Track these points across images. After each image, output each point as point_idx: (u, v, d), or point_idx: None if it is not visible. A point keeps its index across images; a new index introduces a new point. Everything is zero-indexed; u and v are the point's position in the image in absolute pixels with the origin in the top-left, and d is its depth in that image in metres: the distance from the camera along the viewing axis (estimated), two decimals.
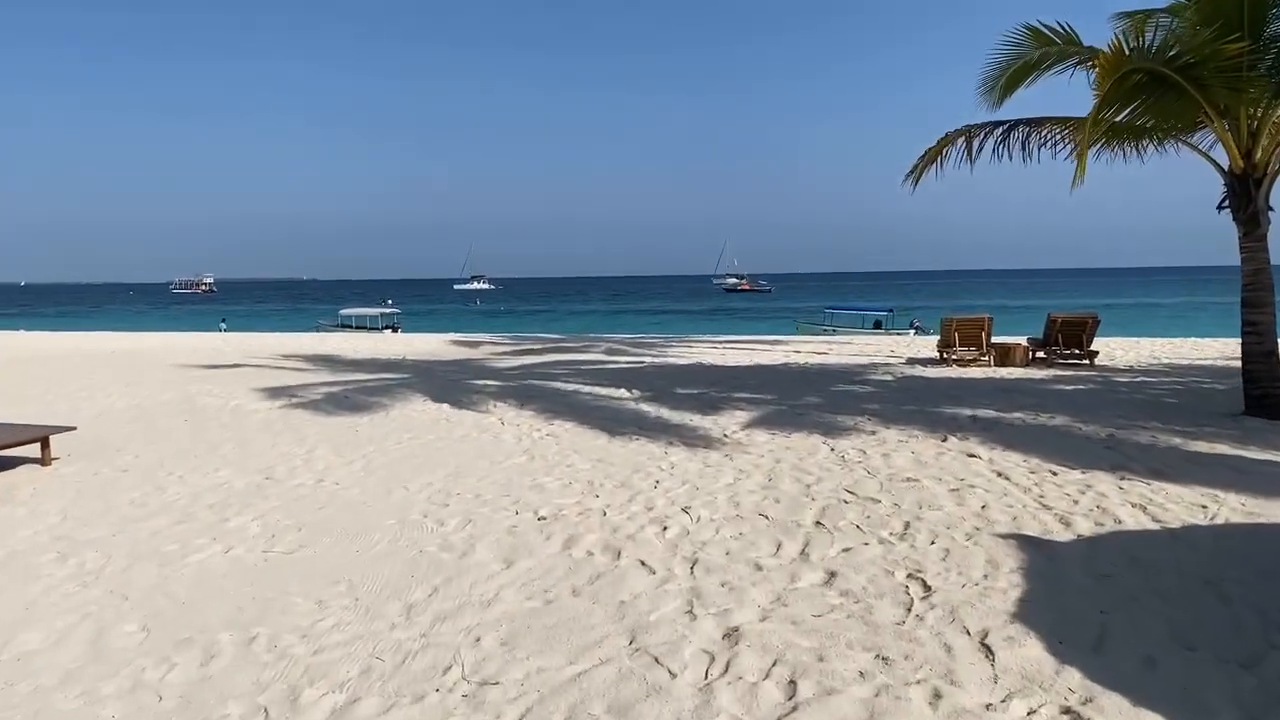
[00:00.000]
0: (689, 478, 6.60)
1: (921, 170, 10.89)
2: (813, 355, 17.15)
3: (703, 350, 19.25)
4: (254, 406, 10.47)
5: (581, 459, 7.33)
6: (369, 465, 7.24)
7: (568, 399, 10.80)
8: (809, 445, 7.70)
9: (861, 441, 7.82)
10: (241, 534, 5.40)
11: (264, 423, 9.35)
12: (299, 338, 29.07)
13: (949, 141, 10.54)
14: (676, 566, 4.70)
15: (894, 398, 10.40)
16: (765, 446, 7.69)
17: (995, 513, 5.57)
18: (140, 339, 27.40)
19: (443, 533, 5.37)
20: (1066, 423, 8.55)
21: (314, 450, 7.88)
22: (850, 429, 8.40)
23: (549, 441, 8.09)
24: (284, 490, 6.46)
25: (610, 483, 6.51)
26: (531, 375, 13.66)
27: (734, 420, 9.02)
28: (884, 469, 6.78)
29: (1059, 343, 13.77)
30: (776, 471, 6.75)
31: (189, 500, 6.20)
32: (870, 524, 5.38)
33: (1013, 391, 10.73)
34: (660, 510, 5.75)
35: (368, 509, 5.92)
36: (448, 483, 6.60)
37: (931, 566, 4.63)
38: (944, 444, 7.69)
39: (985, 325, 13.97)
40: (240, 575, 4.68)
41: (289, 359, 17.74)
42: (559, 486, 6.43)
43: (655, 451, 7.56)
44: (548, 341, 23.52)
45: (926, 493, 6.07)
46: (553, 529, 5.40)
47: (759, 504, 5.87)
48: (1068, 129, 9.84)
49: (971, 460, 7.04)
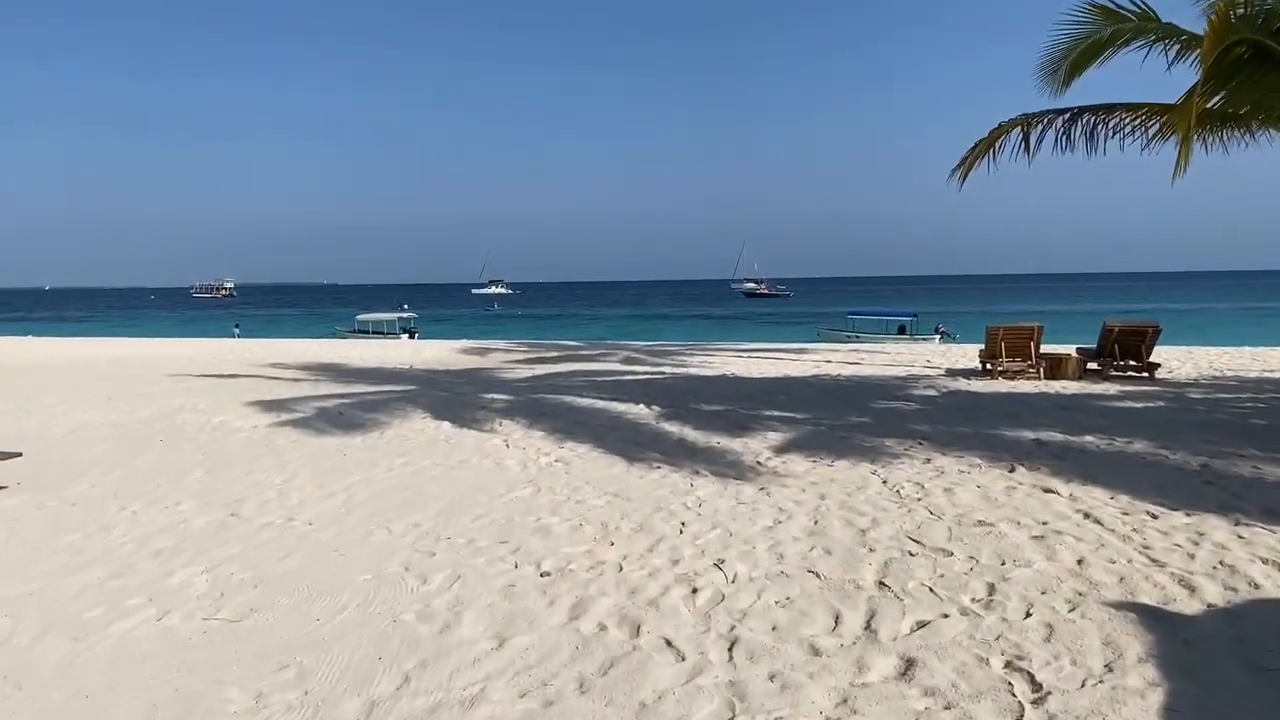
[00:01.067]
0: (720, 519, 5.63)
1: (971, 164, 9.87)
2: (844, 365, 16.11)
3: (725, 359, 18.25)
4: (238, 424, 9.60)
5: (594, 492, 6.37)
6: (350, 499, 6.31)
7: (581, 416, 9.85)
8: (857, 476, 6.70)
9: (916, 471, 6.80)
10: (184, 593, 4.48)
11: (245, 444, 8.47)
12: (310, 344, 28.38)
13: (1003, 132, 9.52)
14: (711, 648, 3.73)
15: (944, 417, 9.36)
16: (806, 477, 6.70)
17: (1096, 571, 4.55)
18: (145, 345, 26.77)
19: (424, 593, 4.43)
20: (1148, 449, 7.48)
21: (293, 479, 6.97)
22: (901, 455, 7.39)
23: (558, 470, 7.14)
24: (247, 532, 5.55)
25: (627, 525, 5.54)
26: (542, 387, 12.73)
27: (767, 443, 8.03)
28: (949, 508, 5.78)
29: (1115, 354, 12.66)
30: (823, 511, 5.75)
31: (135, 545, 5.30)
32: (946, 585, 4.39)
33: (1074, 410, 9.65)
34: (688, 564, 4.78)
35: (340, 559, 4.99)
36: (438, 523, 5.66)
37: (1035, 651, 3.63)
38: (1012, 475, 6.67)
39: (1034, 334, 12.88)
40: (168, 655, 3.76)
41: (291, 368, 16.93)
42: (567, 530, 5.47)
43: (679, 483, 6.59)
44: (563, 349, 22.60)
45: (1006, 542, 5.06)
46: (558, 590, 4.44)
47: (806, 556, 4.89)
48: (1140, 116, 8.77)
49: (1049, 498, 6.01)
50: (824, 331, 40.16)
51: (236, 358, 20.10)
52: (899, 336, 36.43)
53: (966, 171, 9.88)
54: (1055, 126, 9.05)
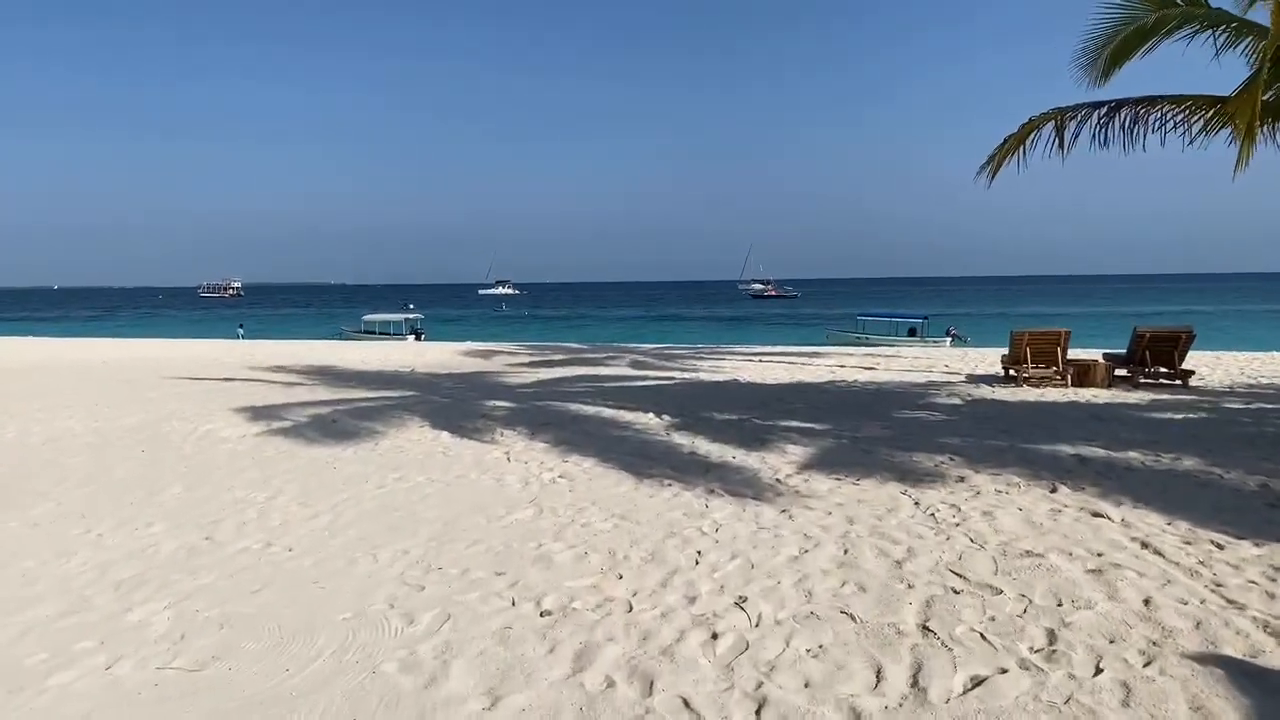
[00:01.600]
0: (739, 546, 5.11)
1: (1000, 161, 9.33)
2: (859, 370, 15.56)
3: (736, 363, 17.73)
4: (226, 433, 9.12)
5: (600, 514, 5.86)
6: (336, 520, 5.82)
7: (587, 426, 9.34)
8: (886, 497, 6.17)
9: (950, 492, 6.27)
10: (141, 634, 3.99)
11: (230, 455, 7.98)
12: (313, 345, 27.97)
13: (1034, 127, 8.98)
14: (735, 711, 3.22)
15: (973, 429, 8.81)
16: (831, 498, 6.17)
17: (1167, 613, 4.03)
18: (145, 346, 26.37)
19: (410, 637, 3.92)
20: (1199, 467, 6.94)
21: (276, 496, 6.48)
22: (932, 473, 6.86)
23: (561, 487, 6.63)
24: (221, 558, 5.05)
25: (637, 553, 5.03)
26: (547, 394, 12.22)
27: (786, 458, 7.50)
28: (991, 535, 5.25)
29: (1146, 360, 12.09)
30: (852, 538, 5.23)
31: (95, 574, 4.81)
32: (1000, 631, 3.86)
33: (1111, 421, 9.10)
34: (706, 602, 4.27)
35: (319, 592, 4.49)
36: (429, 550, 5.15)
37: (1114, 718, 3.12)
38: (1054, 496, 6.13)
39: (1061, 340, 12.31)
40: (109, 713, 3.27)
41: (289, 371, 16.48)
42: (571, 558, 4.96)
43: (693, 504, 6.07)
44: (569, 351, 22.10)
45: (1060, 577, 4.53)
46: (560, 633, 3.93)
47: (838, 592, 4.37)
48: (1184, 109, 8.22)
49: (1100, 523, 5.48)
50: (833, 333, 39.57)
51: (236, 360, 19.67)
52: (909, 339, 35.84)
53: (996, 169, 9.34)
54: (1092, 121, 8.51)
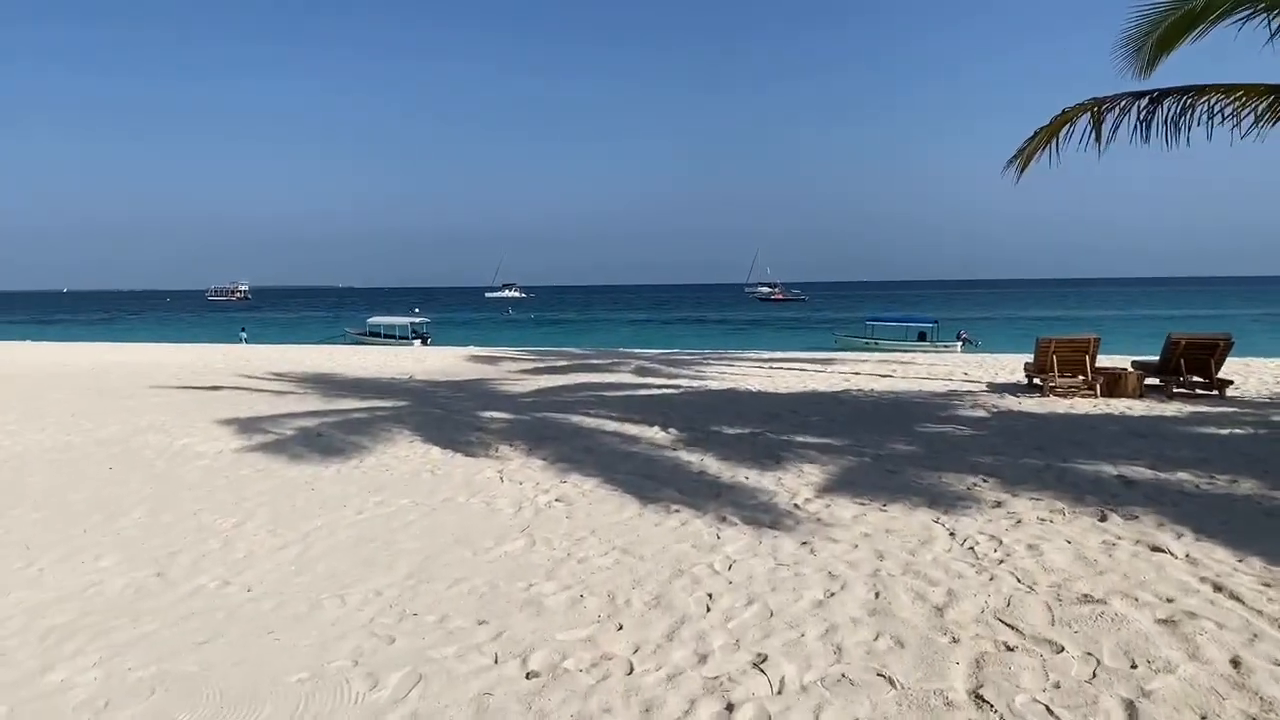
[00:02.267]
0: (756, 588, 4.50)
1: (1030, 154, 8.70)
2: (874, 379, 14.92)
3: (745, 370, 17.11)
4: (204, 448, 8.56)
5: (600, 546, 5.27)
6: (306, 553, 5.24)
7: (588, 440, 8.74)
8: (917, 526, 5.55)
9: (988, 520, 5.65)
10: (56, 702, 3.41)
11: (204, 474, 7.42)
12: (313, 350, 27.46)
13: (1067, 119, 8.35)
14: None
15: (1004, 445, 8.17)
16: (856, 527, 5.56)
17: (1261, 679, 3.41)
18: (141, 351, 25.90)
19: (372, 706, 3.33)
20: (1259, 491, 6.30)
21: (245, 522, 5.91)
22: (965, 497, 6.24)
23: (557, 513, 6.04)
24: (171, 600, 4.48)
25: (640, 597, 4.43)
26: (549, 404, 11.64)
27: (804, 479, 6.89)
28: (1040, 574, 4.63)
29: (1181, 369, 11.43)
30: (884, 577, 4.62)
31: (24, 620, 4.24)
32: (1069, 703, 3.25)
33: (1152, 437, 8.45)
34: (719, 662, 3.66)
35: (273, 645, 3.90)
36: (405, 591, 4.57)
37: None
38: (1104, 525, 5.51)
39: (1090, 347, 11.66)
40: None
41: (283, 378, 15.94)
42: (565, 602, 4.36)
43: (703, 534, 5.47)
44: (573, 357, 21.52)
45: (1128, 629, 3.91)
46: (548, 701, 3.34)
47: (872, 648, 3.76)
48: (1235, 99, 7.59)
49: (1161, 559, 4.85)
50: (842, 338, 39.02)
51: (231, 366, 19.15)
52: (919, 344, 35.24)
53: (1026, 162, 8.71)
54: (1133, 112, 7.88)
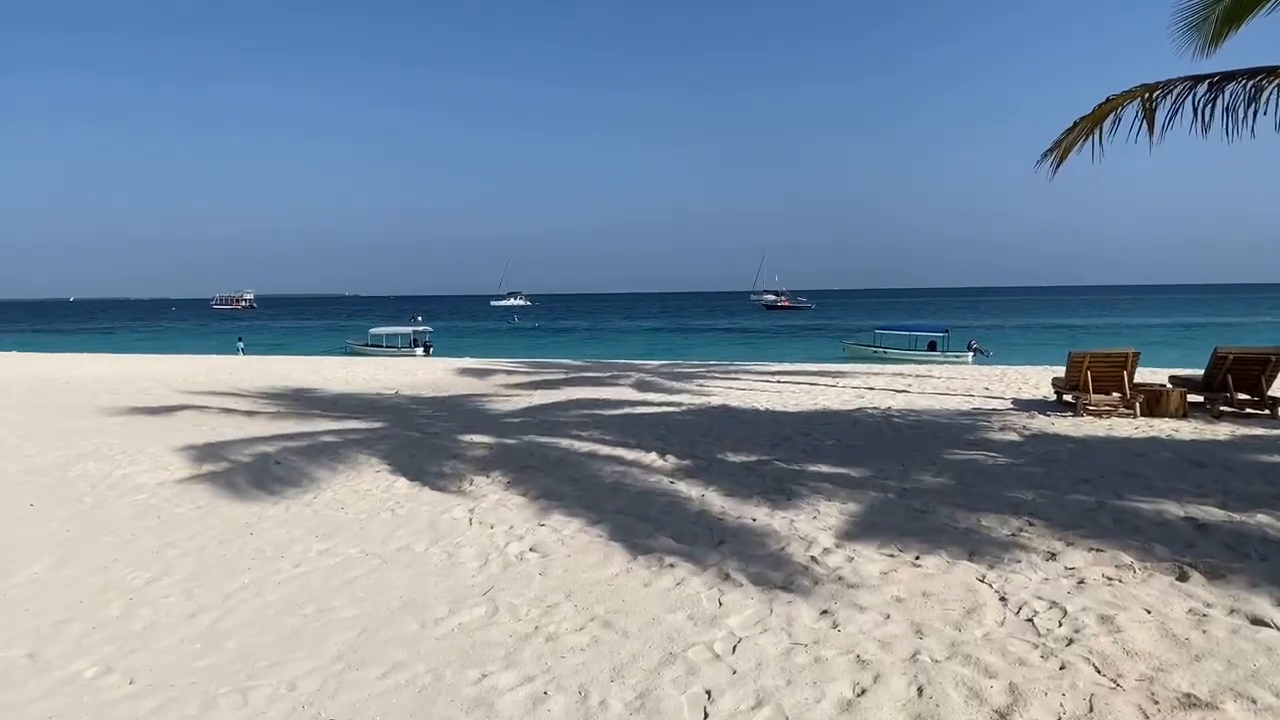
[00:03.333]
0: (766, 681, 3.56)
1: (1067, 148, 7.78)
2: (889, 394, 13.97)
3: (750, 384, 16.18)
4: (146, 478, 7.66)
5: (575, 616, 4.33)
6: (220, 622, 4.31)
7: (575, 470, 7.81)
8: (959, 587, 4.60)
9: (1044, 579, 4.69)
10: None
11: (135, 512, 6.51)
12: (304, 362, 26.63)
13: (1113, 107, 7.42)
14: None
15: (1045, 477, 7.21)
16: (886, 588, 4.61)
17: None
18: (128, 362, 25.03)
19: None
20: None
21: (161, 578, 5.00)
22: (1010, 545, 5.28)
23: (529, 567, 5.10)
24: (28, 696, 3.55)
25: (620, 695, 3.49)
26: (536, 424, 10.71)
27: (820, 521, 5.94)
28: (1122, 660, 3.68)
29: (1229, 386, 10.46)
30: (925, 664, 3.67)
31: None
32: None
33: (1212, 466, 7.47)
34: None
35: None
36: (327, 682, 3.64)
37: None
38: (1185, 586, 4.55)
39: (1128, 363, 10.70)
40: None
41: (259, 395, 15.06)
42: (523, 703, 3.43)
43: (701, 599, 4.53)
44: (570, 370, 20.61)
45: None
46: None
47: None
48: None
49: (1269, 636, 3.89)
50: (851, 346, 38.24)
51: (210, 380, 18.29)
52: (929, 354, 34.37)
53: (1062, 157, 7.78)
54: (1192, 99, 6.95)
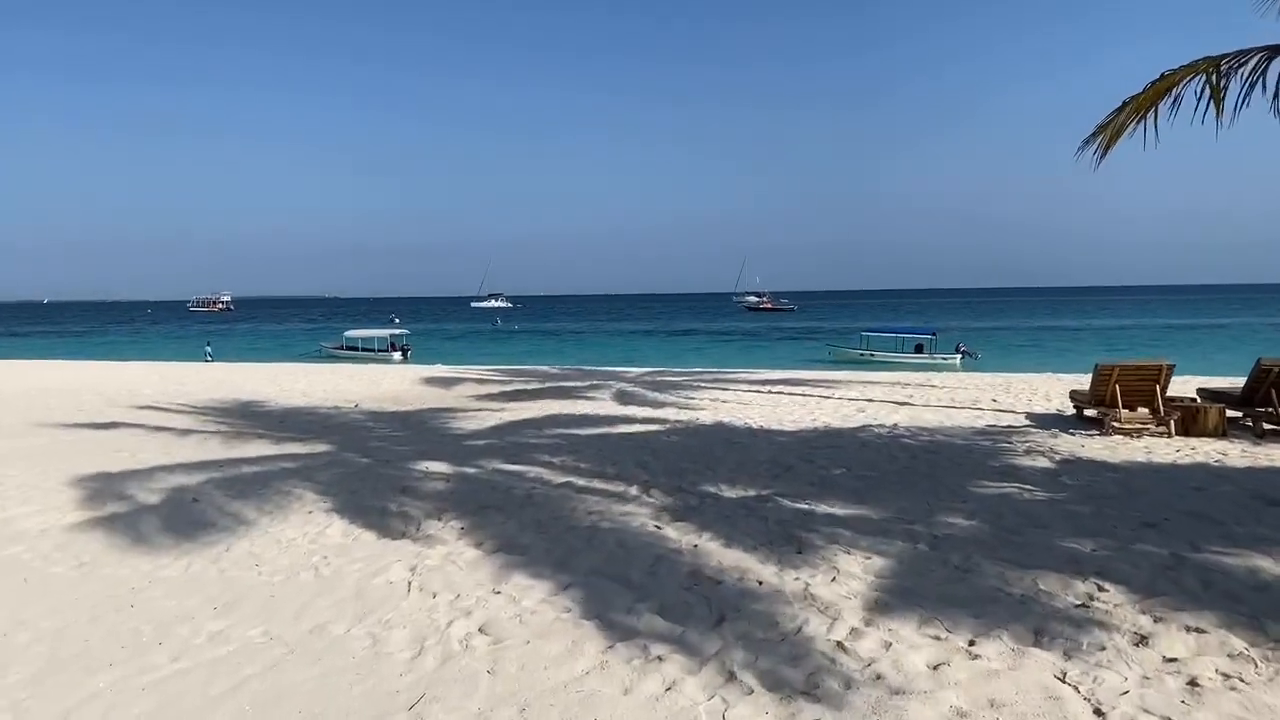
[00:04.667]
0: None
1: (1115, 131, 6.74)
2: (892, 406, 12.89)
3: (741, 394, 15.05)
4: (29, 523, 6.42)
5: None
6: None
7: (543, 513, 6.59)
8: (1037, 693, 3.47)
9: (1142, 677, 3.58)
10: None
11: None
12: (264, 369, 25.22)
13: (1171, 83, 6.39)
14: None
15: (1096, 518, 6.10)
16: (941, 695, 3.47)
17: None
18: (79, 370, 23.54)
19: None
20: None
21: None
22: (1084, 622, 4.15)
23: (476, 659, 3.93)
24: None
25: None
26: (504, 449, 9.47)
27: (842, 584, 4.79)
28: None
29: (1274, 401, 9.47)
30: None
31: None
32: None
33: None
34: None
35: None
36: None
37: None
38: None
39: (1160, 376, 9.69)
40: None
41: (204, 409, 13.76)
42: None
43: (700, 712, 3.39)
44: (548, 378, 19.42)
45: None
46: None
47: None
48: None
49: None
50: (836, 349, 37.45)
51: (157, 391, 16.95)
52: (916, 356, 33.79)
53: (1110, 140, 6.75)
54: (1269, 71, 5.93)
